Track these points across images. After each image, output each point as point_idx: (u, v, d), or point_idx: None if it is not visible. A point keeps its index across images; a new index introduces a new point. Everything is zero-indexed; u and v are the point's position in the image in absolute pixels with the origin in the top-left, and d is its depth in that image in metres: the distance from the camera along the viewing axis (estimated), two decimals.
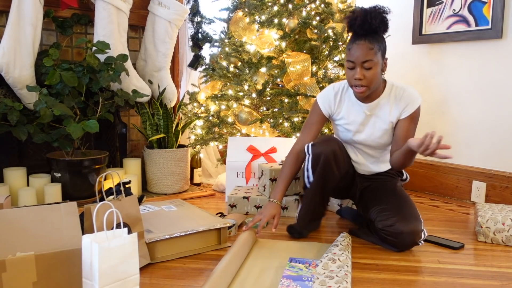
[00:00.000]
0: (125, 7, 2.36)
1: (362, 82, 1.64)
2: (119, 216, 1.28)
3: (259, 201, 2.20)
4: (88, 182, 2.28)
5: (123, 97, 2.30)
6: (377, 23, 1.60)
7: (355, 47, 1.63)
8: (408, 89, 1.74)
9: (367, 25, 1.60)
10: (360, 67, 1.63)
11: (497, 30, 2.37)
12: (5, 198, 1.55)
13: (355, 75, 1.64)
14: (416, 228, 1.65)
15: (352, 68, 1.65)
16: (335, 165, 1.75)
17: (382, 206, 1.73)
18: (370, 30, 1.61)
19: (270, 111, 2.50)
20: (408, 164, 1.67)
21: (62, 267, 1.23)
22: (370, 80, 1.64)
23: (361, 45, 1.61)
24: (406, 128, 1.73)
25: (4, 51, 2.06)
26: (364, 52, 1.61)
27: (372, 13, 1.60)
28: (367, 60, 1.61)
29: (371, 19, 1.59)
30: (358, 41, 1.62)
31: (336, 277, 1.36)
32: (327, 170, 1.74)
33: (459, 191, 2.60)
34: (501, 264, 1.63)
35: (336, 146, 1.75)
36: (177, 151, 2.52)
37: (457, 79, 2.60)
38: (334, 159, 1.74)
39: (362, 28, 1.61)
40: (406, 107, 1.72)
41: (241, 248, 1.57)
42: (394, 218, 1.66)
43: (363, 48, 1.61)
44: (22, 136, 2.07)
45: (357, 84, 1.65)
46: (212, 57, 2.77)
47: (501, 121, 2.42)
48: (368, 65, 1.62)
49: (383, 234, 1.71)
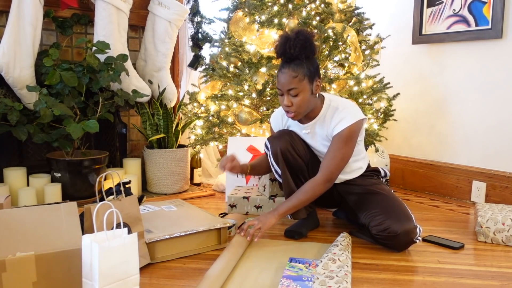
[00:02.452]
0: (125, 7, 2.36)
1: (291, 108, 1.67)
2: (119, 216, 1.28)
3: (259, 201, 2.20)
4: (88, 182, 2.28)
5: (123, 97, 2.30)
6: (296, 52, 1.61)
7: (280, 75, 1.66)
8: (343, 107, 1.71)
9: (287, 54, 1.62)
10: (287, 94, 1.65)
11: (497, 30, 2.37)
12: (5, 198, 1.55)
13: (283, 101, 1.67)
14: (410, 227, 1.64)
15: (282, 95, 1.68)
16: (296, 153, 1.80)
17: (372, 211, 1.72)
18: (292, 57, 1.62)
19: (270, 111, 2.50)
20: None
21: (62, 267, 1.23)
22: (299, 106, 1.66)
23: (285, 74, 1.63)
24: (332, 147, 1.71)
25: (4, 51, 2.06)
26: (288, 80, 1.63)
27: (291, 41, 1.60)
28: (292, 88, 1.63)
29: (290, 48, 1.61)
30: (283, 69, 1.65)
31: (336, 277, 1.36)
32: (290, 160, 1.80)
33: (459, 191, 2.60)
34: (501, 264, 1.63)
35: (291, 137, 1.81)
36: (177, 151, 2.52)
37: (457, 79, 2.60)
38: (293, 148, 1.80)
39: (284, 56, 1.64)
40: (337, 125, 1.70)
41: (236, 249, 1.58)
42: (387, 222, 1.66)
43: (287, 77, 1.63)
44: (22, 136, 2.07)
45: (287, 110, 1.69)
46: (212, 57, 2.77)
47: (501, 121, 2.42)
48: (294, 92, 1.64)
49: (378, 238, 1.71)
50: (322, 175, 1.71)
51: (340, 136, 1.69)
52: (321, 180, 1.71)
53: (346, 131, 1.68)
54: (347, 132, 1.68)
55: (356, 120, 1.68)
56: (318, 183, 1.71)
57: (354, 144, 1.72)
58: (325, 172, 1.71)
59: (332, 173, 1.71)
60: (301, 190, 1.72)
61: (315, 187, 1.70)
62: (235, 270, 1.50)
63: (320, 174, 1.72)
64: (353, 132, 1.69)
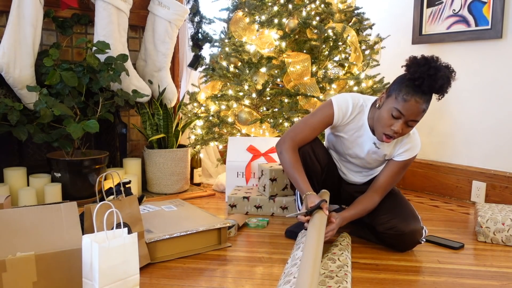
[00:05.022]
0: (125, 7, 2.36)
1: (396, 135, 1.56)
2: (119, 216, 1.28)
3: (259, 201, 2.20)
4: (88, 182, 2.28)
5: (123, 97, 2.30)
6: (445, 90, 1.49)
7: (412, 103, 1.49)
8: (415, 135, 1.70)
9: (435, 88, 1.47)
10: (404, 123, 1.53)
11: (497, 30, 2.37)
12: (5, 198, 1.55)
13: (396, 127, 1.53)
14: (416, 227, 1.65)
15: (397, 118, 1.53)
16: (315, 157, 1.77)
17: (380, 208, 1.73)
18: (434, 92, 1.49)
19: (270, 111, 2.50)
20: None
21: (62, 267, 1.23)
22: (403, 135, 1.59)
23: (419, 104, 1.49)
24: (393, 172, 1.71)
25: (4, 51, 2.06)
26: (418, 111, 1.50)
27: (443, 77, 1.45)
28: (416, 120, 1.53)
29: (443, 85, 1.46)
30: (418, 98, 1.48)
31: (336, 277, 1.36)
32: (308, 164, 1.77)
33: (459, 191, 2.60)
34: (501, 264, 1.63)
35: (312, 140, 1.77)
36: (177, 151, 2.52)
37: (457, 79, 2.60)
38: (313, 152, 1.76)
39: (429, 88, 1.47)
40: (404, 152, 1.69)
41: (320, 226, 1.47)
42: (394, 221, 1.66)
43: (419, 108, 1.49)
44: (22, 136, 2.07)
45: (390, 135, 1.56)
46: (212, 57, 2.77)
47: (501, 121, 2.42)
48: (412, 124, 1.54)
49: (384, 237, 1.71)
50: (379, 196, 1.72)
51: (404, 164, 1.70)
52: (378, 200, 1.72)
53: (410, 160, 1.70)
54: (410, 160, 1.70)
55: (419, 149, 1.71)
56: (377, 203, 1.72)
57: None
58: (382, 193, 1.73)
59: (386, 192, 1.74)
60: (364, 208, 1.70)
61: (375, 205, 1.72)
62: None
63: (378, 195, 1.72)
64: (412, 161, 1.72)
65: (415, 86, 1.49)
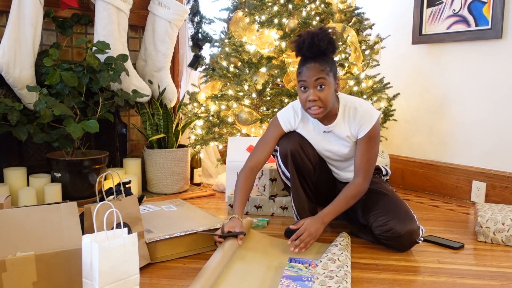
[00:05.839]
0: (125, 7, 2.36)
1: (317, 103, 1.62)
2: (119, 216, 1.28)
3: (259, 201, 2.20)
4: (88, 182, 2.28)
5: (123, 97, 2.30)
6: (325, 45, 1.58)
7: (304, 70, 1.61)
8: (361, 107, 1.71)
9: (315, 48, 1.59)
10: (313, 88, 1.61)
11: (497, 30, 2.37)
12: (5, 198, 1.55)
13: (309, 96, 1.61)
14: (413, 228, 1.65)
15: (305, 91, 1.63)
16: (305, 155, 1.79)
17: (374, 211, 1.73)
18: (319, 52, 1.60)
19: (270, 111, 2.50)
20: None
21: (62, 267, 1.23)
22: (325, 100, 1.62)
23: (311, 67, 1.60)
24: (363, 149, 1.72)
25: (4, 51, 2.06)
26: (316, 72, 1.59)
27: (319, 35, 1.57)
28: (319, 78, 1.59)
29: (319, 41, 1.58)
30: (308, 64, 1.61)
31: (336, 277, 1.36)
32: (298, 162, 1.78)
33: (459, 191, 2.60)
34: (501, 264, 1.64)
35: (300, 139, 1.79)
36: (177, 151, 2.52)
37: (457, 79, 2.61)
38: (302, 151, 1.78)
39: (310, 51, 1.60)
40: (361, 128, 1.71)
41: (228, 250, 1.54)
42: (391, 222, 1.66)
43: (314, 69, 1.59)
44: (22, 136, 2.07)
45: (312, 106, 1.63)
46: (212, 57, 2.77)
47: (501, 121, 2.42)
48: (321, 82, 1.60)
49: (381, 239, 1.71)
50: (362, 177, 1.72)
51: (368, 137, 1.71)
52: (362, 181, 1.72)
53: (372, 131, 1.70)
54: (372, 131, 1.70)
55: (377, 118, 1.71)
56: (361, 184, 1.71)
57: (379, 138, 1.75)
58: (364, 174, 1.72)
59: (370, 172, 1.73)
60: (345, 195, 1.70)
61: (359, 188, 1.71)
62: (233, 270, 1.50)
63: (359, 176, 1.72)
64: (377, 130, 1.72)
65: (303, 59, 1.64)
